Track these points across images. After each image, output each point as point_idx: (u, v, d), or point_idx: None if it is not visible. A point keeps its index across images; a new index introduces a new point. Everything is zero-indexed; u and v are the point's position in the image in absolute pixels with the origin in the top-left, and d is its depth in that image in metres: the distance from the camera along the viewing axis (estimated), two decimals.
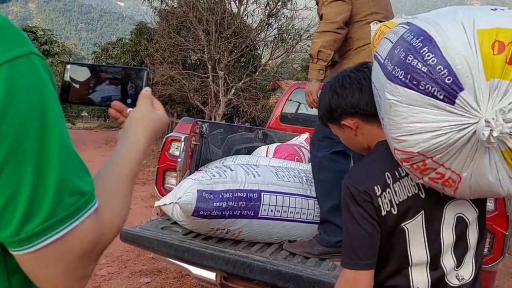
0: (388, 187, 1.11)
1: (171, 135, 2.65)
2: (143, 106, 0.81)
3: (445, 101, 0.88)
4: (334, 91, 1.27)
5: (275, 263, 1.92)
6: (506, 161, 0.90)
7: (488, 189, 0.96)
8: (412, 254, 1.12)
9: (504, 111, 0.84)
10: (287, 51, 14.42)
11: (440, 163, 0.94)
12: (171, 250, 1.96)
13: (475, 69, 0.85)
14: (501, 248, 2.08)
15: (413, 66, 0.92)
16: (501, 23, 0.87)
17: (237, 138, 3.44)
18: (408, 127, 0.94)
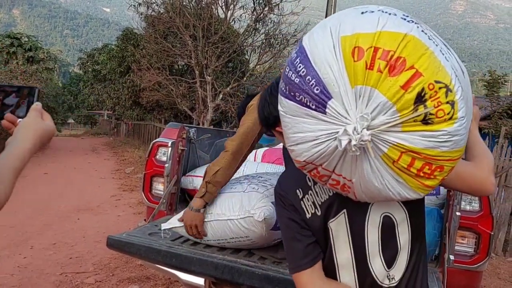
0: (309, 189, 1.13)
1: (157, 140, 2.64)
2: (31, 117, 0.98)
3: (317, 111, 0.88)
4: (265, 99, 1.32)
5: (263, 267, 1.91)
6: (389, 166, 0.87)
7: (379, 194, 0.93)
8: (337, 254, 1.13)
9: (367, 118, 0.82)
10: (275, 56, 14.45)
11: (330, 170, 0.93)
12: (159, 256, 1.94)
13: (339, 77, 0.85)
14: (487, 248, 2.10)
15: (289, 77, 0.93)
16: (362, 28, 0.86)
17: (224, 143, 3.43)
18: (293, 137, 0.95)
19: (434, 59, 0.85)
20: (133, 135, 21.90)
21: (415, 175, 0.89)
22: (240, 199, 2.10)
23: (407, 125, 0.83)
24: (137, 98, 18.32)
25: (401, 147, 0.85)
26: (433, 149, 0.85)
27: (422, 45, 0.85)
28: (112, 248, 2.00)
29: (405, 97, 0.82)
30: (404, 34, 0.84)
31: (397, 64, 0.82)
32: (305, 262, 1.12)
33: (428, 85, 0.82)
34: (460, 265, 2.09)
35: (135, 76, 15.80)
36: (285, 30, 13.70)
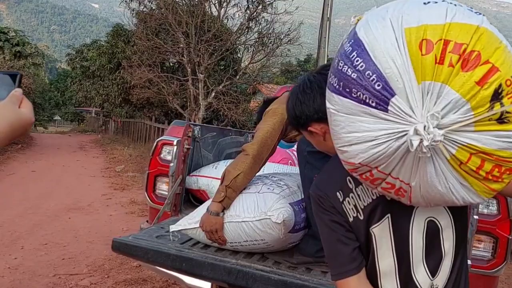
0: (351, 192, 1.06)
1: (162, 138, 2.55)
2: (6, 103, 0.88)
3: (378, 108, 0.81)
4: (296, 97, 1.23)
5: (279, 272, 1.83)
6: (455, 168, 0.81)
7: (441, 198, 0.87)
8: (379, 261, 1.06)
9: (437, 117, 0.76)
10: (268, 55, 14.40)
11: (387, 173, 0.87)
12: (168, 260, 1.85)
13: (404, 72, 0.78)
14: (505, 253, 2.05)
15: (343, 72, 0.85)
16: (429, 20, 0.79)
17: (227, 141, 3.35)
18: (346, 137, 0.87)
19: (508, 53, 0.79)
20: (122, 132, 21.65)
21: (483, 178, 0.82)
22: (255, 200, 2.00)
23: (481, 124, 0.77)
24: (127, 95, 18.10)
25: (472, 148, 0.78)
26: (507, 150, 0.79)
27: (495, 38, 0.80)
28: (118, 251, 1.90)
29: (481, 93, 0.75)
30: (476, 26, 0.78)
31: (471, 58, 0.76)
32: (353, 268, 1.05)
33: (505, 81, 0.76)
34: (477, 269, 2.03)
35: (125, 73, 15.60)
36: (279, 29, 13.66)
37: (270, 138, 2.10)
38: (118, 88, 18.52)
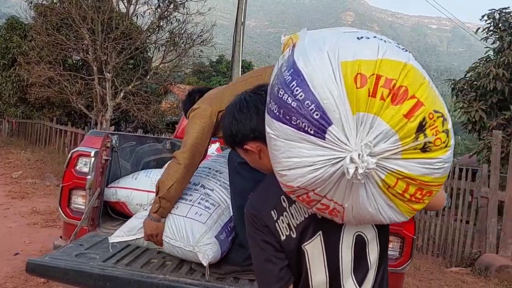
0: (284, 211, 1.12)
1: (78, 149, 2.42)
2: None
3: (316, 136, 0.87)
4: (233, 116, 1.25)
5: (208, 285, 1.87)
6: (383, 192, 0.90)
7: (371, 218, 0.96)
8: (312, 277, 1.13)
9: (370, 146, 0.84)
10: (180, 55, 14.20)
11: (322, 195, 0.93)
12: (91, 280, 1.78)
13: (341, 103, 0.85)
14: (410, 251, 2.30)
15: (284, 100, 0.91)
16: (363, 55, 0.87)
17: (145, 150, 3.29)
18: (286, 162, 0.93)
19: (431, 88, 0.89)
20: (18, 134, 19.74)
21: (407, 200, 0.92)
22: (184, 226, 2.10)
23: (407, 152, 0.86)
24: (23, 94, 16.53)
25: (400, 173, 0.88)
26: (428, 176, 0.90)
27: (420, 74, 0.89)
28: (33, 273, 1.79)
29: (408, 125, 0.84)
30: (404, 63, 0.88)
31: (400, 93, 0.85)
32: (284, 283, 1.10)
33: (428, 114, 0.86)
34: None
35: (21, 69, 14.27)
36: (191, 29, 13.54)
37: (200, 144, 2.12)
38: (13, 86, 16.83)
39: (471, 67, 9.53)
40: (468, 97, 9.18)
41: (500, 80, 8.44)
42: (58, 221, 6.36)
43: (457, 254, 6.48)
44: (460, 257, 6.43)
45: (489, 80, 8.50)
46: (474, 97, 9.05)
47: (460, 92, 9.51)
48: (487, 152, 8.23)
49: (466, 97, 9.24)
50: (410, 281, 5.01)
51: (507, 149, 7.27)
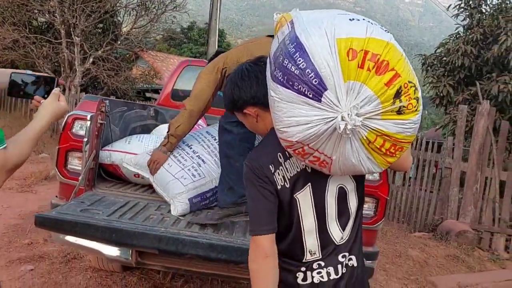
0: (280, 165, 1.32)
1: (74, 113, 2.47)
2: (49, 98, 1.37)
3: (314, 99, 1.05)
4: (235, 83, 1.43)
5: (206, 236, 2.02)
6: (365, 146, 1.10)
7: (353, 168, 1.17)
8: (303, 221, 1.34)
9: (357, 107, 1.03)
10: (152, 21, 13.86)
11: (315, 149, 1.13)
12: (97, 232, 1.89)
13: (335, 72, 1.03)
14: (383, 211, 2.54)
15: (288, 69, 1.09)
16: (355, 33, 1.05)
17: (132, 116, 3.34)
18: (287, 121, 1.12)
19: (407, 63, 1.10)
20: None
21: (383, 154, 1.14)
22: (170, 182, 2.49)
23: (386, 114, 1.06)
24: None
25: (378, 131, 1.08)
26: (401, 133, 1.10)
27: (398, 51, 1.08)
28: (42, 226, 1.87)
29: (387, 92, 1.04)
30: (387, 41, 1.07)
31: (382, 66, 1.04)
32: (271, 228, 1.31)
33: (403, 84, 1.06)
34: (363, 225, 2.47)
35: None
36: None
37: (204, 94, 2.47)
38: None
39: (441, 43, 9.82)
40: (437, 72, 9.50)
41: (468, 56, 8.77)
42: (33, 186, 6.35)
43: (420, 221, 6.92)
44: (423, 224, 6.87)
45: (457, 56, 8.81)
46: (443, 72, 9.38)
47: (430, 67, 9.82)
48: (452, 125, 8.64)
49: (435, 72, 9.56)
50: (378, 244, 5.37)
51: (471, 123, 7.69)
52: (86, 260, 3.64)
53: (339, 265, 1.36)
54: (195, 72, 4.42)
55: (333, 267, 1.35)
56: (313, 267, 1.35)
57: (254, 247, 1.30)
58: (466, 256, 5.52)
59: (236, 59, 2.39)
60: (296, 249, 1.36)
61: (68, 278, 3.30)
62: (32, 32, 13.23)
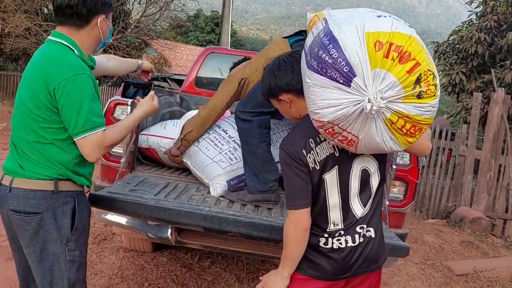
0: (312, 150, 1.49)
1: (115, 98, 2.56)
2: (146, 98, 1.88)
3: (344, 84, 1.21)
4: (272, 72, 1.61)
5: (248, 215, 2.11)
6: (387, 127, 1.26)
7: (377, 147, 1.32)
8: (329, 198, 1.52)
9: (382, 92, 1.18)
10: (162, 9, 13.89)
11: (344, 129, 1.29)
12: (147, 210, 1.99)
13: (363, 61, 1.19)
14: (413, 194, 2.62)
15: (322, 58, 1.25)
16: (381, 28, 1.21)
17: (162, 102, 3.43)
18: (320, 103, 1.28)
19: (427, 54, 1.25)
20: None
21: (404, 134, 1.29)
22: (208, 165, 2.59)
23: (407, 98, 1.21)
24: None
25: (400, 113, 1.23)
26: (420, 115, 1.25)
27: (420, 44, 1.23)
28: (94, 205, 1.98)
29: (409, 79, 1.19)
30: (409, 35, 1.23)
31: (405, 56, 1.19)
32: (306, 203, 1.50)
33: (423, 72, 1.20)
34: (392, 208, 2.57)
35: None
36: None
37: (220, 105, 2.60)
38: None
39: (454, 30, 9.78)
40: (449, 60, 9.49)
41: (481, 44, 8.75)
42: None
43: (433, 208, 7.00)
44: (436, 211, 6.96)
45: (471, 43, 8.79)
46: (455, 60, 9.37)
47: (442, 55, 9.81)
48: (464, 113, 8.67)
49: (448, 60, 9.55)
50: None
51: (484, 111, 7.72)
52: (117, 240, 3.78)
53: (356, 235, 1.54)
54: (218, 59, 4.55)
55: (351, 236, 1.54)
56: (334, 235, 1.54)
57: (293, 219, 1.51)
58: (480, 243, 5.61)
59: (255, 67, 2.51)
60: (321, 220, 1.54)
61: (102, 258, 3.43)
62: (43, 19, 13.31)
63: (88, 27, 1.66)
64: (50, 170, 1.61)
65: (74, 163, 1.65)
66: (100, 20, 1.66)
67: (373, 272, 1.62)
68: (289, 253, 1.53)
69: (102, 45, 1.79)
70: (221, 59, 4.50)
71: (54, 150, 1.60)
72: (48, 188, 1.60)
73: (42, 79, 1.54)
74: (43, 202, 1.59)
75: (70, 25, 1.63)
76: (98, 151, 1.60)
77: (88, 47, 1.70)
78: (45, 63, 1.58)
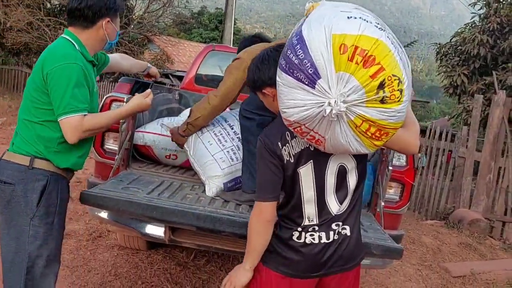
0: (287, 143, 1.51)
1: (112, 95, 2.55)
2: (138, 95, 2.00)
3: (309, 86, 1.22)
4: (256, 66, 1.63)
5: (242, 215, 2.10)
6: (352, 129, 1.26)
7: (343, 148, 1.32)
8: (304, 193, 1.53)
9: (345, 95, 1.19)
10: (165, 5, 13.84)
11: (310, 129, 1.30)
12: (140, 208, 1.97)
13: (328, 63, 1.19)
14: (409, 196, 2.61)
15: (290, 58, 1.26)
16: (348, 30, 1.19)
17: (160, 98, 3.42)
18: (287, 102, 1.29)
19: (394, 59, 1.22)
20: None
21: (369, 137, 1.29)
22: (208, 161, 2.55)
23: (370, 102, 1.21)
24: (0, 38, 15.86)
25: (363, 117, 1.23)
26: (384, 120, 1.25)
27: (387, 48, 1.21)
28: (87, 203, 1.97)
29: (372, 83, 1.19)
30: (376, 38, 1.20)
31: (369, 60, 1.18)
32: (272, 197, 1.52)
33: (387, 77, 1.19)
34: (388, 209, 2.56)
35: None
36: None
37: (231, 92, 2.49)
38: None
39: (457, 32, 9.75)
40: (451, 61, 9.46)
41: (483, 46, 8.71)
42: None
43: (432, 209, 6.99)
44: (435, 212, 6.94)
45: (473, 45, 8.76)
46: (457, 61, 9.33)
47: (444, 56, 9.77)
48: (465, 115, 8.64)
49: (450, 61, 9.52)
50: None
51: (485, 113, 7.69)
52: (112, 238, 3.78)
53: (331, 232, 1.54)
54: (219, 57, 4.53)
55: (325, 233, 1.54)
56: (308, 230, 1.55)
57: (258, 211, 1.53)
58: (478, 244, 5.60)
59: None
60: (296, 214, 1.56)
61: (96, 255, 3.43)
62: (46, 14, 13.26)
63: (93, 28, 1.87)
64: (30, 147, 1.78)
65: (59, 142, 1.80)
66: (105, 22, 1.87)
67: (349, 272, 1.61)
68: (251, 246, 1.56)
69: (108, 46, 1.97)
70: (222, 56, 4.47)
71: (42, 128, 1.78)
72: (23, 163, 1.76)
73: (40, 65, 1.76)
74: (17, 174, 1.76)
75: (77, 25, 1.86)
76: (75, 133, 1.75)
77: (93, 45, 1.90)
78: (46, 53, 1.82)
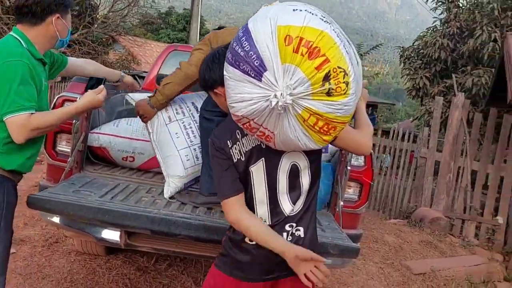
0: (237, 141, 1.46)
1: (63, 94, 2.45)
2: (89, 91, 1.95)
3: (255, 78, 1.19)
4: (207, 65, 1.59)
5: (199, 218, 2.06)
6: (300, 123, 1.23)
7: (292, 144, 1.29)
8: (255, 192, 1.48)
9: (291, 87, 1.16)
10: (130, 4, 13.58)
11: (259, 124, 1.26)
12: (90, 212, 1.90)
13: (274, 55, 1.16)
14: (367, 195, 2.63)
15: (235, 50, 1.23)
16: (293, 22, 1.18)
17: (118, 99, 3.31)
18: (234, 97, 1.26)
19: (339, 51, 1.20)
20: None
21: (317, 131, 1.26)
22: (171, 157, 2.42)
23: (316, 95, 1.18)
24: None
25: (310, 110, 1.20)
26: (331, 114, 1.22)
27: (332, 40, 1.19)
28: (33, 207, 1.87)
29: (317, 75, 1.16)
30: (321, 30, 1.19)
31: (314, 51, 1.16)
32: (234, 190, 1.46)
33: (333, 69, 1.17)
34: (347, 209, 2.57)
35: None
36: None
37: None
38: None
39: (419, 35, 10.05)
40: (414, 64, 9.73)
41: (444, 49, 9.01)
42: None
43: (395, 208, 7.14)
44: (398, 211, 7.10)
45: (434, 49, 9.05)
46: (419, 65, 9.62)
47: (407, 60, 10.04)
48: (427, 117, 8.89)
49: (412, 64, 9.79)
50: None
51: (445, 114, 7.93)
52: (69, 243, 3.63)
53: (284, 233, 1.49)
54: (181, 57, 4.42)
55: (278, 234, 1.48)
56: None
57: (227, 211, 1.47)
58: (439, 242, 5.74)
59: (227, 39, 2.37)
60: None
61: (51, 261, 3.29)
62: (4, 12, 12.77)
63: (42, 25, 1.83)
64: None
65: (5, 143, 1.75)
66: (54, 19, 1.83)
67: None
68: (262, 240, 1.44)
69: (60, 43, 1.92)
70: (185, 56, 4.34)
71: None
72: None
73: None
74: None
75: (25, 22, 1.81)
76: (22, 132, 1.69)
77: (43, 43, 1.86)
78: None
